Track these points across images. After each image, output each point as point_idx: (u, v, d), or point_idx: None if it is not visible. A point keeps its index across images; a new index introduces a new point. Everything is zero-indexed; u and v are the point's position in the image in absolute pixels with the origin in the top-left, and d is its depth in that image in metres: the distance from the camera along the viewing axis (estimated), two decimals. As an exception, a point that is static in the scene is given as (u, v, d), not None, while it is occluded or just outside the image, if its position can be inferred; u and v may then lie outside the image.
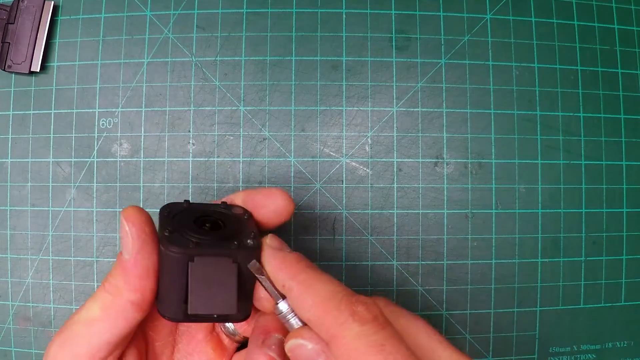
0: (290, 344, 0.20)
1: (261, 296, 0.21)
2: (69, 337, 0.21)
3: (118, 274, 0.20)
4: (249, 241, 0.21)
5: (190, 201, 0.23)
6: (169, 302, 0.20)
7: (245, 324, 0.23)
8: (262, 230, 0.23)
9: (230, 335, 0.24)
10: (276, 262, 0.21)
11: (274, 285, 0.21)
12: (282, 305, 0.20)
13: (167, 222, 0.21)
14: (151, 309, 0.21)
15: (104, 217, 0.31)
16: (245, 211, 0.23)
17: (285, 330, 0.21)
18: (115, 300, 0.20)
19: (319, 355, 0.19)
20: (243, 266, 0.21)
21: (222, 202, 0.23)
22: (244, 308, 0.21)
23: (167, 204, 0.22)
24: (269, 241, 0.22)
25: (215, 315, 0.20)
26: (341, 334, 0.18)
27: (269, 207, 0.23)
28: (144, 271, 0.20)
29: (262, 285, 0.21)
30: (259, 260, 0.21)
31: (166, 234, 0.20)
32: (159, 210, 0.22)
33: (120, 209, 0.31)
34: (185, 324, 0.24)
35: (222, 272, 0.20)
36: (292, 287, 0.20)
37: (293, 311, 0.20)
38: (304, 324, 0.20)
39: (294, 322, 0.20)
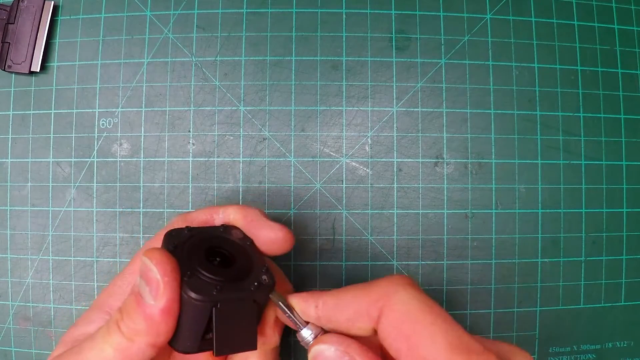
0: (314, 351, 0.20)
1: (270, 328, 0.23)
2: None
3: (139, 319, 0.20)
4: (264, 277, 0.22)
5: (190, 227, 0.23)
6: (186, 338, 0.21)
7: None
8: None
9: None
10: (300, 298, 0.22)
11: (297, 314, 0.22)
12: (306, 332, 0.21)
13: (180, 261, 0.21)
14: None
15: (104, 217, 0.31)
16: (245, 236, 0.24)
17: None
18: (133, 345, 0.20)
19: (343, 357, 0.19)
20: (259, 302, 0.22)
21: (222, 226, 0.24)
22: (254, 337, 0.22)
23: (170, 232, 0.22)
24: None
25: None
26: (389, 302, 0.19)
27: (270, 243, 0.24)
28: (171, 317, 0.20)
29: (288, 315, 0.22)
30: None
31: (185, 278, 0.20)
32: (163, 236, 0.22)
33: (120, 209, 0.31)
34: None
35: (244, 312, 0.21)
36: (325, 300, 0.21)
37: (316, 336, 0.21)
38: None
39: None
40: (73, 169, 0.31)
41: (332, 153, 0.31)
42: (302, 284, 0.30)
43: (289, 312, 0.22)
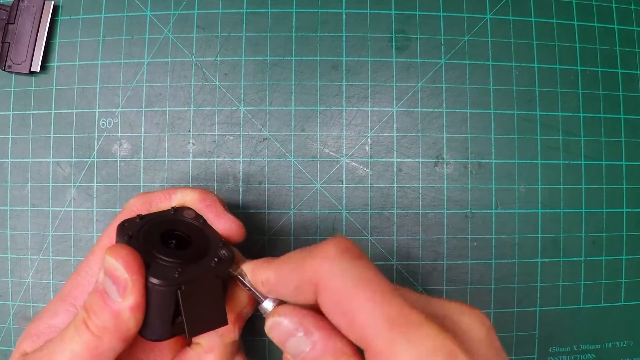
0: (269, 323, 0.20)
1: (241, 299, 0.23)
2: None
3: (107, 316, 0.20)
4: (222, 252, 0.22)
5: (141, 214, 0.23)
6: (156, 326, 0.21)
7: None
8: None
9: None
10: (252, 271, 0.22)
11: (255, 287, 0.21)
12: (267, 304, 0.21)
13: (138, 251, 0.21)
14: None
15: (104, 217, 0.31)
16: (198, 215, 0.24)
17: None
18: (102, 342, 0.20)
19: (297, 329, 0.19)
20: (222, 277, 0.22)
21: (172, 208, 0.24)
22: (224, 314, 0.22)
23: (122, 223, 0.22)
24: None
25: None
26: (323, 277, 0.18)
27: (222, 232, 0.24)
28: (140, 312, 0.20)
29: (247, 288, 0.22)
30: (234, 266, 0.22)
31: (150, 268, 0.20)
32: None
33: (120, 209, 0.31)
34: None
35: (209, 290, 0.21)
36: (269, 276, 0.20)
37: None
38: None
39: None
40: (73, 169, 0.31)
41: (332, 153, 0.31)
42: (302, 284, 0.30)
43: (249, 285, 0.21)
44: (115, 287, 0.20)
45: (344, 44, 0.31)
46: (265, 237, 0.31)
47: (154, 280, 0.20)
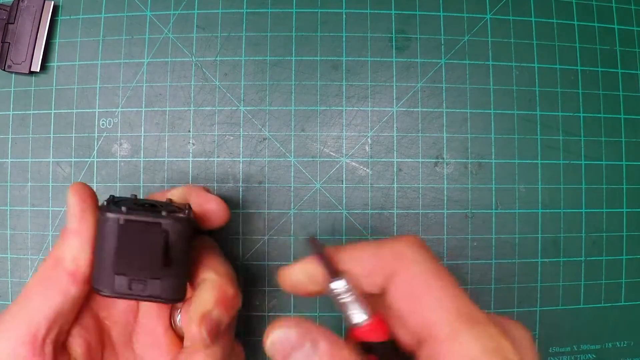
0: (274, 336, 0.19)
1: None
2: (8, 320, 0.21)
3: (58, 244, 0.22)
4: (180, 212, 0.22)
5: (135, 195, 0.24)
6: (102, 275, 0.21)
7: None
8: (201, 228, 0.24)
9: (177, 329, 0.25)
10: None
11: (332, 263, 0.20)
12: (338, 284, 0.20)
13: (108, 202, 0.22)
14: (88, 288, 0.22)
15: (104, 217, 0.31)
16: (187, 204, 0.24)
17: None
18: (52, 272, 0.21)
19: (304, 340, 0.18)
20: (175, 238, 0.21)
21: (168, 199, 0.24)
22: (176, 288, 0.22)
23: (115, 195, 0.23)
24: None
25: (146, 294, 0.21)
26: (403, 262, 0.19)
27: (207, 213, 0.24)
28: (83, 240, 0.22)
29: (321, 262, 0.20)
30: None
31: (104, 203, 0.22)
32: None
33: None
34: (144, 310, 0.25)
35: (149, 237, 0.21)
36: (343, 257, 0.20)
37: (349, 291, 0.20)
38: (360, 304, 0.20)
39: (349, 301, 0.20)
40: (73, 169, 0.31)
41: (332, 153, 0.31)
42: (302, 284, 0.30)
43: (324, 261, 0.20)
44: (68, 214, 0.22)
45: (344, 44, 0.31)
46: (265, 237, 0.31)
47: (102, 212, 0.21)
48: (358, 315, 0.20)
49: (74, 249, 0.22)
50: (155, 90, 0.31)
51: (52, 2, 0.31)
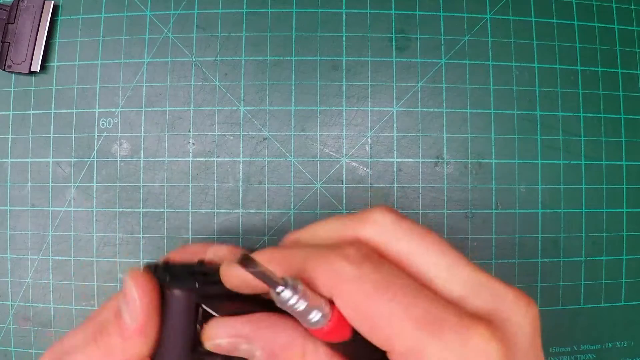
0: (212, 345, 0.18)
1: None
2: None
3: (116, 336, 0.19)
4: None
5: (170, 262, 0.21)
6: (173, 355, 0.19)
7: None
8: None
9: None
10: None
11: (272, 274, 0.17)
12: (285, 293, 0.17)
13: (163, 274, 0.19)
14: None
15: (104, 217, 0.31)
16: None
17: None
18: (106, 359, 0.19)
19: (239, 342, 0.18)
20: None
21: (199, 261, 0.21)
22: None
23: (147, 265, 0.20)
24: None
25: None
26: (339, 282, 0.16)
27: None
28: (148, 338, 0.19)
29: (260, 278, 0.17)
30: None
31: (164, 281, 0.19)
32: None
33: (120, 209, 0.31)
34: None
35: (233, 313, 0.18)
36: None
37: (298, 297, 0.16)
38: (314, 306, 0.17)
39: (302, 309, 0.16)
40: (73, 169, 0.31)
41: (332, 153, 0.31)
42: (302, 284, 0.30)
43: (262, 276, 0.16)
44: (127, 309, 0.18)
45: (344, 44, 0.31)
46: (265, 237, 0.31)
47: (174, 291, 0.18)
48: (315, 319, 0.17)
49: (137, 347, 0.18)
50: (155, 90, 0.31)
51: (52, 2, 0.31)
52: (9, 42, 0.31)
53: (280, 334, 0.17)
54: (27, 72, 0.31)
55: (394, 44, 0.32)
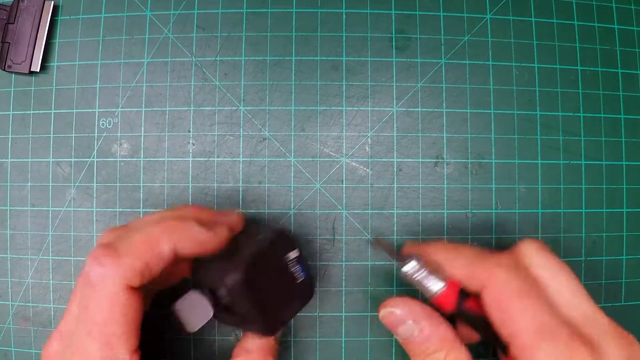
0: (382, 313, 0.25)
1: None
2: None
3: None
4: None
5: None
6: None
7: None
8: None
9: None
10: (423, 248, 0.26)
11: (397, 251, 0.26)
12: (409, 266, 0.25)
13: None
14: None
15: (104, 217, 0.31)
16: (298, 251, 0.25)
17: None
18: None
19: (407, 318, 0.24)
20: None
21: (269, 242, 0.24)
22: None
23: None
24: (409, 242, 0.28)
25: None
26: (489, 282, 0.22)
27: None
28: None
29: (390, 253, 0.27)
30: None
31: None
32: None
33: (120, 209, 0.31)
34: None
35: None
36: (440, 257, 0.25)
37: (420, 269, 0.25)
38: (433, 276, 0.25)
39: (424, 277, 0.25)
40: (73, 169, 0.31)
41: (332, 153, 0.31)
42: (302, 284, 0.30)
43: (390, 253, 0.27)
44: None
45: (344, 44, 0.31)
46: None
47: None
48: (434, 286, 0.24)
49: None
50: (155, 90, 0.31)
51: (52, 2, 0.31)
52: (9, 42, 0.31)
53: (441, 326, 0.23)
54: (27, 72, 0.31)
55: (394, 44, 0.32)
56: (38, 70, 0.31)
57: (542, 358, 0.20)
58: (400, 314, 0.24)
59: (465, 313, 0.24)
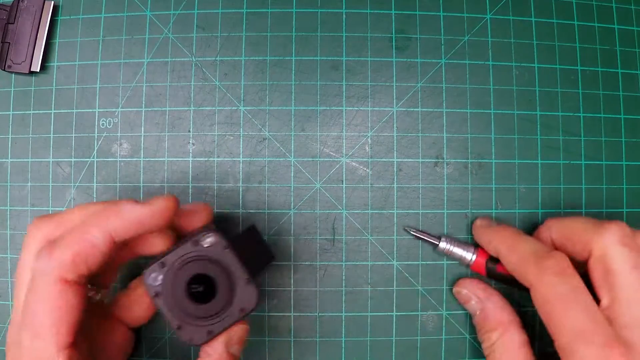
0: (454, 291, 0.30)
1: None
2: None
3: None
4: (247, 299, 0.23)
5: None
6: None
7: None
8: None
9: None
10: (488, 233, 0.28)
11: (428, 235, 0.30)
12: (442, 244, 0.30)
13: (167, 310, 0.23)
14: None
15: (104, 217, 0.31)
16: (217, 235, 0.24)
17: None
18: None
19: (471, 298, 0.29)
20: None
21: (191, 240, 0.23)
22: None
23: (145, 270, 0.23)
24: (480, 222, 0.30)
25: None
26: (536, 284, 0.24)
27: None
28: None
29: (423, 239, 0.30)
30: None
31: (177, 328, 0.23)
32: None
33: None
34: None
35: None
36: (499, 249, 0.27)
37: (451, 244, 0.29)
38: (463, 248, 0.29)
39: (457, 251, 0.29)
40: (73, 169, 0.31)
41: (332, 153, 0.31)
42: (303, 283, 0.30)
43: (424, 237, 0.30)
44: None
45: (344, 44, 0.31)
46: (265, 237, 0.31)
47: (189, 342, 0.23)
48: (467, 256, 0.29)
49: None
50: (155, 90, 0.31)
51: (52, 2, 0.31)
52: (9, 42, 0.31)
53: (499, 309, 0.28)
54: (27, 72, 0.31)
55: (394, 44, 0.32)
56: (38, 70, 0.31)
57: (578, 357, 0.22)
58: (465, 294, 0.29)
59: (497, 275, 0.28)
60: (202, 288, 0.23)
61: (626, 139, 0.32)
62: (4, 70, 0.31)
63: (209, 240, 0.23)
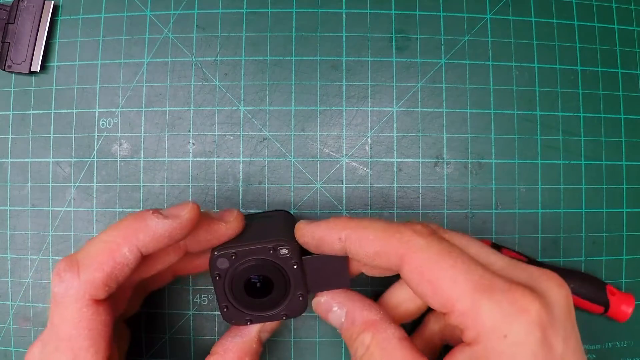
0: (313, 305, 0.25)
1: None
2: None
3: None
4: (295, 305, 0.25)
5: (237, 251, 0.24)
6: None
7: None
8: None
9: None
10: (324, 226, 0.23)
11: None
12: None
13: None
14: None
15: (104, 217, 0.31)
16: (292, 250, 0.24)
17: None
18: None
19: (331, 305, 0.24)
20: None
21: (270, 246, 0.24)
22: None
23: (216, 253, 0.24)
24: (302, 224, 0.24)
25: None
26: (409, 250, 0.20)
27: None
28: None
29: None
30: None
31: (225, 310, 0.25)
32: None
33: (120, 209, 0.31)
34: None
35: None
36: (349, 234, 0.22)
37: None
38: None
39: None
40: (73, 169, 0.31)
41: (332, 153, 0.31)
42: (302, 284, 0.30)
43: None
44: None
45: (344, 44, 0.31)
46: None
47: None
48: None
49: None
50: (155, 90, 0.31)
51: (52, 2, 0.31)
52: (9, 42, 0.31)
53: (365, 309, 0.23)
54: (27, 72, 0.31)
55: (394, 44, 0.32)
56: (38, 70, 0.31)
57: (487, 317, 0.18)
58: (325, 301, 0.24)
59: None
60: (259, 283, 0.24)
61: (626, 139, 0.32)
62: (4, 70, 0.31)
63: (284, 251, 0.24)
